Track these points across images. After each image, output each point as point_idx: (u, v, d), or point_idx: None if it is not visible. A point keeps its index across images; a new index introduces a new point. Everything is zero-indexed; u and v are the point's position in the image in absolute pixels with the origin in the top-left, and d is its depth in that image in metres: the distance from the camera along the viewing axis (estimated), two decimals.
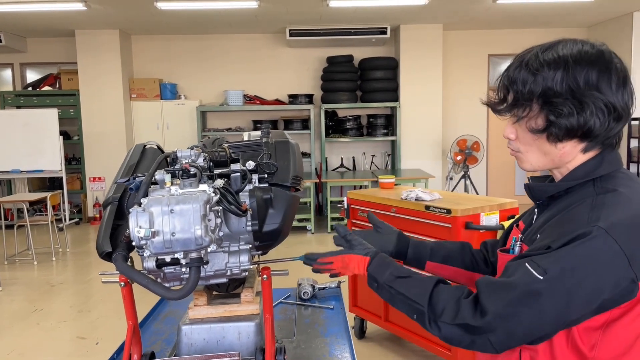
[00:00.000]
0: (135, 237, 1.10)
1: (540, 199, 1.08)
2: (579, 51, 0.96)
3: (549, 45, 1.00)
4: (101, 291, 4.80)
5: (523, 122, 1.00)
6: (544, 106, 0.96)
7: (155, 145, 1.62)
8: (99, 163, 7.89)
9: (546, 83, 0.95)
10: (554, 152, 1.00)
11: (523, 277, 0.92)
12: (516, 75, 0.99)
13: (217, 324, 1.50)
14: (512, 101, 1.01)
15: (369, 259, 1.18)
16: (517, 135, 1.04)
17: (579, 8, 6.94)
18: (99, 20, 7.18)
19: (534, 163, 1.05)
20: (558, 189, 1.03)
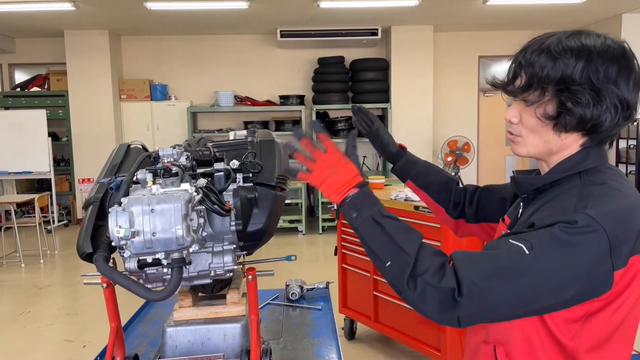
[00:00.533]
0: (114, 237, 1.08)
1: (526, 192, 1.06)
2: (603, 44, 0.94)
3: (571, 33, 0.98)
4: (89, 294, 4.75)
5: (532, 107, 0.97)
6: (561, 93, 0.93)
7: (139, 145, 1.60)
8: (88, 164, 7.82)
9: (566, 70, 0.93)
10: (554, 141, 0.99)
11: (507, 250, 0.89)
12: (534, 59, 0.96)
13: (203, 325, 1.49)
14: (525, 83, 0.97)
15: (361, 181, 1.04)
16: (520, 119, 1.01)
17: (569, 10, 6.99)
18: (88, 21, 7.13)
19: (530, 149, 1.02)
20: (544, 181, 1.02)
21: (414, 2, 6.37)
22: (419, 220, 2.87)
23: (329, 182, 1.05)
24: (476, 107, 8.61)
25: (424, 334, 2.96)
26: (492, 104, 8.68)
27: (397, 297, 3.07)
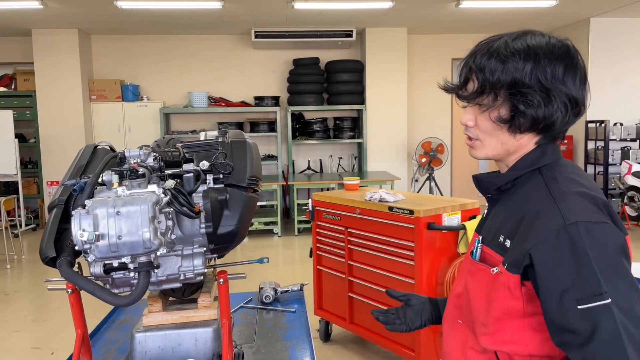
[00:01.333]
0: (78, 241, 1.05)
1: (488, 191, 1.08)
2: (547, 44, 0.96)
3: (517, 35, 0.99)
4: (57, 299, 4.62)
5: (487, 112, 0.99)
6: (512, 96, 0.95)
7: (107, 146, 1.56)
8: (57, 167, 7.62)
9: (516, 73, 0.94)
10: (511, 142, 1.01)
11: (601, 319, 0.84)
12: (484, 63, 0.97)
13: (173, 330, 1.46)
14: (477, 89, 0.99)
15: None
16: (475, 123, 1.03)
17: (539, 13, 7.14)
18: (57, 20, 6.95)
19: (489, 152, 1.04)
20: (506, 179, 1.04)
21: (388, 5, 6.41)
22: (393, 221, 2.88)
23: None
24: (449, 109, 8.72)
25: (398, 335, 2.97)
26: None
27: (372, 298, 3.08)
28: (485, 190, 1.09)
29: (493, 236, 1.03)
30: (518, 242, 0.94)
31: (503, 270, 0.96)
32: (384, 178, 7.08)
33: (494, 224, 1.05)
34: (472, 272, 1.06)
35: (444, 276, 2.82)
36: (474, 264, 1.06)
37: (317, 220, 3.47)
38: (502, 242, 0.99)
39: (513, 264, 0.93)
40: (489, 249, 1.03)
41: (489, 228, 1.07)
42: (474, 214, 2.95)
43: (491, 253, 1.02)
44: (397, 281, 2.91)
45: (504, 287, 0.96)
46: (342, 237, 3.25)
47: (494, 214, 1.07)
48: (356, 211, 3.13)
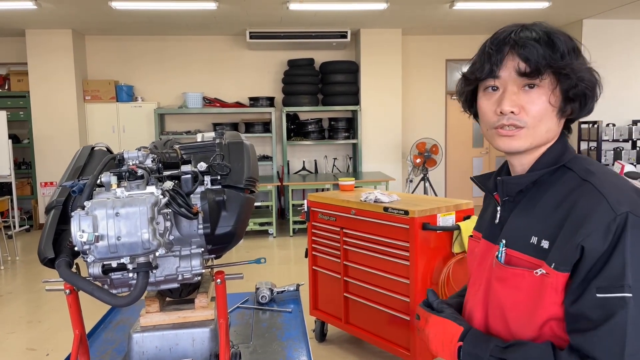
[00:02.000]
0: (77, 242, 1.06)
1: (511, 194, 1.02)
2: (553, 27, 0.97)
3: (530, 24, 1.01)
4: (52, 300, 4.61)
5: (541, 93, 0.94)
6: (566, 76, 0.92)
7: (104, 147, 1.57)
8: (51, 167, 7.60)
9: (561, 47, 0.93)
10: (554, 129, 0.97)
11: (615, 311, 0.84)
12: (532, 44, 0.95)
13: (170, 330, 1.46)
14: (533, 70, 0.93)
15: (463, 330, 1.03)
16: (520, 109, 0.95)
17: (532, 15, 7.19)
18: (51, 20, 6.93)
19: (534, 141, 0.97)
20: (533, 177, 0.98)
21: (383, 6, 6.43)
22: (388, 222, 2.90)
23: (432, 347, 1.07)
24: (444, 109, 8.76)
25: (394, 335, 2.99)
26: (459, 106, 8.79)
27: (368, 299, 3.10)
28: (509, 192, 1.02)
29: (521, 239, 0.97)
30: (564, 240, 0.89)
31: (550, 270, 0.90)
32: (378, 179, 7.10)
33: (518, 226, 0.99)
34: (503, 278, 0.99)
35: (438, 276, 2.84)
36: (504, 269, 0.98)
37: (312, 221, 3.48)
38: (537, 244, 0.93)
39: (561, 262, 0.88)
40: (518, 252, 0.97)
41: (512, 231, 1.00)
42: (468, 214, 2.97)
43: (521, 256, 0.96)
44: (392, 281, 2.93)
45: (551, 289, 0.90)
46: (338, 238, 3.27)
47: (516, 216, 1.00)
48: (351, 212, 3.14)
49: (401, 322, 2.91)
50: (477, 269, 1.09)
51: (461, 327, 1.03)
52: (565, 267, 0.88)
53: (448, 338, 1.03)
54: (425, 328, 1.09)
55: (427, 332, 1.09)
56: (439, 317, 1.07)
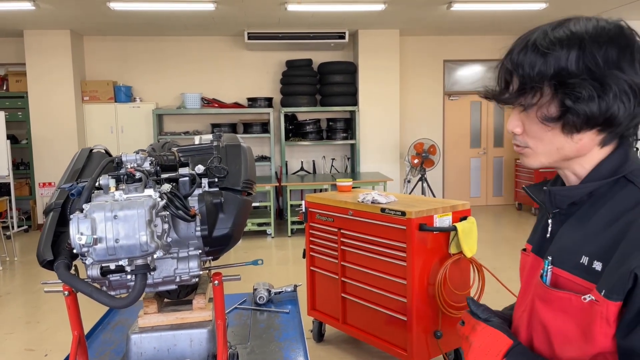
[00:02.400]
0: (76, 245, 1.07)
1: (561, 206, 0.92)
2: (595, 27, 0.83)
3: (558, 23, 0.87)
4: (50, 301, 4.62)
5: (532, 112, 0.86)
6: (558, 89, 0.81)
7: (102, 149, 1.58)
8: (49, 168, 7.60)
9: (559, 63, 0.81)
10: (569, 145, 0.86)
11: None
12: (522, 58, 0.85)
13: (168, 331, 1.47)
14: (518, 87, 0.86)
15: (512, 344, 0.93)
16: (523, 129, 0.89)
17: (529, 16, 7.21)
18: (49, 20, 6.93)
19: (543, 160, 0.90)
20: (585, 190, 0.88)
21: (381, 7, 6.45)
22: (385, 222, 2.91)
23: (471, 357, 0.98)
24: (441, 110, 8.78)
25: (391, 335, 3.00)
26: (457, 107, 8.87)
27: (365, 299, 3.11)
28: (559, 204, 0.92)
29: (570, 257, 0.87)
30: (617, 263, 0.78)
31: (599, 297, 0.79)
32: (376, 179, 7.12)
33: (567, 242, 0.89)
34: (549, 301, 0.89)
35: (435, 277, 2.86)
36: (549, 292, 0.89)
37: (310, 222, 3.49)
38: (588, 265, 0.83)
39: (613, 289, 0.77)
40: (566, 272, 0.87)
41: (561, 247, 0.90)
42: (465, 215, 2.99)
43: (569, 277, 0.86)
44: (389, 282, 2.94)
45: (601, 319, 0.79)
46: (335, 238, 3.28)
47: (566, 231, 0.90)
48: (349, 212, 3.16)
49: (398, 322, 2.93)
50: (524, 285, 1.01)
51: (511, 341, 0.94)
52: (618, 296, 0.77)
53: (494, 350, 0.94)
54: (470, 336, 1.00)
55: (471, 340, 0.99)
56: (489, 327, 0.98)
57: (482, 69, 8.79)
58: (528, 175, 8.21)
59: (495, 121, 9.00)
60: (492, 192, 9.16)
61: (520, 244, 4.30)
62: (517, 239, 6.60)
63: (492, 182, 9.14)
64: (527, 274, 1.00)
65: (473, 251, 2.92)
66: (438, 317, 2.91)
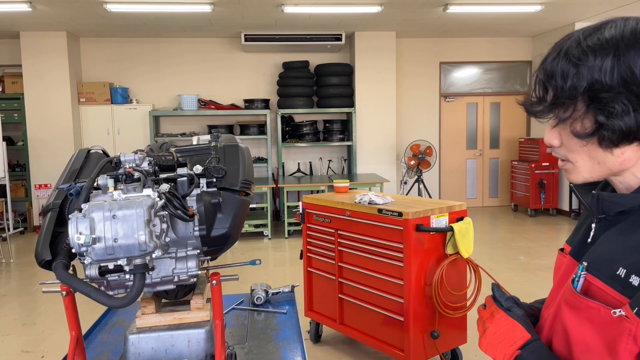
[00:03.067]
0: (75, 244, 1.07)
1: (609, 212, 0.87)
2: (633, 31, 0.76)
3: (594, 28, 0.80)
4: (47, 302, 4.60)
5: (566, 125, 0.82)
6: (591, 104, 0.77)
7: (100, 150, 1.58)
8: (45, 170, 7.58)
9: (592, 75, 0.76)
10: (610, 160, 0.81)
11: None
12: (554, 68, 0.80)
13: (166, 332, 1.48)
14: (551, 100, 0.82)
15: (530, 338, 0.91)
16: (561, 141, 0.85)
17: (524, 18, 7.25)
18: (45, 22, 6.92)
19: (586, 175, 0.85)
20: (638, 201, 0.83)
21: (377, 9, 6.47)
22: (382, 223, 2.92)
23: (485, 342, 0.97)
24: (438, 111, 8.81)
25: (388, 335, 3.01)
26: (453, 108, 8.89)
27: (362, 299, 3.12)
28: (606, 211, 0.87)
29: (607, 266, 0.82)
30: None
31: (631, 314, 0.74)
32: (373, 180, 7.13)
33: (607, 250, 0.85)
34: (577, 308, 0.86)
35: (432, 277, 2.87)
36: (578, 299, 0.85)
37: (307, 223, 3.50)
38: (624, 277, 0.78)
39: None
40: (600, 281, 0.82)
41: (599, 255, 0.86)
42: (461, 215, 3.00)
43: (602, 287, 0.82)
44: (386, 282, 2.95)
45: (628, 336, 0.75)
46: (332, 239, 3.29)
47: (608, 239, 0.86)
48: (346, 213, 3.17)
49: (395, 322, 2.93)
50: (556, 287, 0.98)
51: (529, 335, 0.92)
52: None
53: (509, 340, 0.93)
54: (487, 321, 0.99)
55: (487, 325, 0.98)
56: (508, 317, 0.96)
57: (478, 70, 8.83)
58: (524, 177, 8.24)
59: (491, 123, 9.04)
60: (488, 194, 9.19)
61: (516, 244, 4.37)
62: (513, 240, 6.62)
63: (488, 183, 9.17)
64: (561, 275, 0.97)
65: (469, 252, 2.93)
66: (435, 317, 2.92)
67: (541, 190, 8.01)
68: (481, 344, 0.99)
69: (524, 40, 8.72)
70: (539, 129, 8.68)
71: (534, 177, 8.04)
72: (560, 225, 7.47)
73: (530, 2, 6.48)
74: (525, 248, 6.18)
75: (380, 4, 6.32)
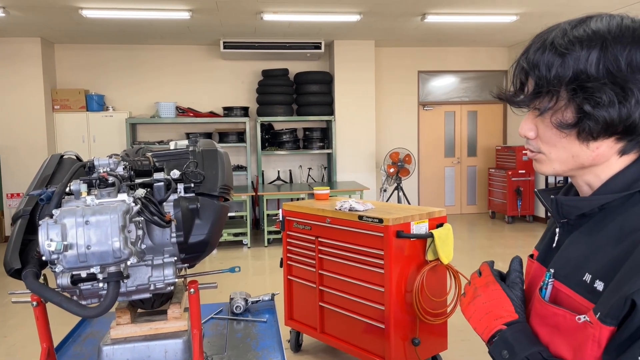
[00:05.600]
0: (45, 252, 1.03)
1: (569, 216, 0.87)
2: (619, 25, 0.77)
3: (579, 20, 0.81)
4: (19, 314, 4.46)
5: (547, 116, 0.81)
6: (576, 94, 0.76)
7: (73, 155, 1.53)
8: (18, 178, 7.39)
9: (578, 65, 0.75)
10: (584, 154, 0.81)
11: None
12: (538, 58, 0.79)
13: (142, 342, 1.43)
14: (533, 89, 0.81)
15: (517, 318, 0.89)
16: (537, 133, 0.85)
17: (500, 28, 7.38)
18: (19, 28, 6.78)
19: (557, 167, 0.85)
20: (596, 203, 0.83)
21: (356, 18, 6.51)
22: (363, 230, 2.91)
23: (471, 309, 0.94)
24: (416, 120, 8.89)
25: (369, 343, 2.99)
26: (432, 117, 8.99)
27: (343, 307, 3.10)
28: (566, 215, 0.87)
29: (572, 272, 0.82)
30: (616, 286, 0.73)
31: (594, 320, 0.74)
32: (353, 188, 7.14)
33: (572, 256, 0.84)
34: (543, 316, 0.86)
35: (412, 284, 2.86)
36: (545, 307, 0.85)
37: (287, 230, 3.47)
38: (590, 283, 0.78)
39: (608, 313, 0.72)
40: (567, 287, 0.82)
41: (564, 260, 0.86)
42: (441, 222, 3.01)
43: (569, 293, 0.82)
44: (367, 289, 2.94)
45: (593, 341, 0.75)
46: (313, 247, 3.26)
47: (572, 243, 0.86)
48: (326, 220, 3.15)
49: (376, 330, 2.91)
50: (527, 293, 0.96)
51: (516, 315, 0.89)
52: (612, 321, 0.72)
53: (495, 313, 0.89)
54: (480, 289, 0.94)
55: (478, 293, 0.94)
56: (503, 291, 0.92)
57: (456, 79, 8.94)
58: (501, 184, 8.35)
59: (468, 131, 9.16)
60: (467, 201, 9.28)
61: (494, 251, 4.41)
62: (491, 246, 6.68)
63: (466, 190, 9.26)
64: (530, 281, 0.96)
65: (449, 258, 2.94)
66: (416, 324, 2.91)
67: (518, 198, 8.13)
68: (467, 310, 0.96)
69: (500, 50, 8.88)
70: (516, 137, 8.83)
71: (511, 184, 8.15)
72: (537, 231, 7.58)
73: (506, 13, 6.60)
74: (503, 254, 6.25)
75: (359, 12, 6.36)
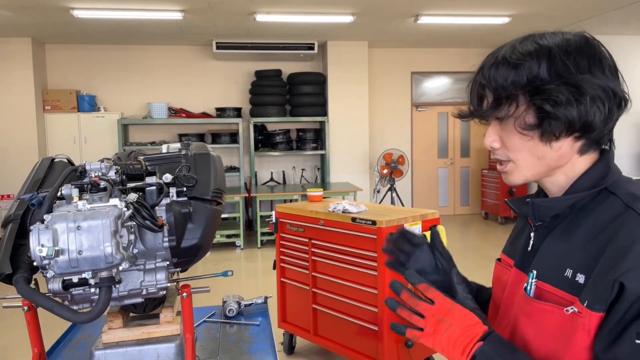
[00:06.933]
0: (36, 257, 1.02)
1: (545, 218, 0.90)
2: (561, 40, 0.85)
3: (524, 38, 0.88)
4: (9, 318, 4.42)
5: (509, 123, 0.85)
6: (534, 97, 0.81)
7: (64, 159, 1.52)
8: (8, 180, 7.32)
9: (531, 72, 0.81)
10: (549, 154, 0.85)
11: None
12: (494, 72, 0.85)
13: (134, 347, 1.42)
14: (493, 100, 0.85)
15: (487, 330, 0.86)
16: (502, 143, 0.89)
17: (493, 30, 7.42)
18: (9, 28, 6.72)
19: (527, 173, 0.88)
20: (568, 202, 0.87)
21: (349, 19, 6.52)
22: (356, 232, 2.91)
23: (444, 339, 0.88)
24: (410, 121, 8.91)
25: (362, 345, 2.99)
26: (425, 118, 9.01)
27: (336, 310, 3.10)
28: (542, 216, 0.91)
29: (554, 270, 0.86)
30: (600, 274, 0.77)
31: (582, 309, 0.78)
32: (346, 189, 7.14)
33: (551, 255, 0.88)
34: (530, 314, 0.88)
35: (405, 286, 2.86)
36: (531, 304, 0.88)
37: (280, 232, 3.46)
38: (571, 277, 0.82)
39: (596, 300, 0.76)
40: (549, 285, 0.86)
41: (545, 261, 0.89)
42: (434, 223, 3.02)
43: (553, 290, 0.85)
44: (360, 292, 2.94)
45: (582, 330, 0.78)
46: (306, 249, 3.26)
47: (550, 244, 0.89)
48: (320, 222, 3.15)
49: (369, 332, 2.92)
50: (506, 301, 0.98)
51: (485, 327, 0.87)
52: (600, 307, 0.76)
53: (467, 334, 0.86)
54: (447, 317, 0.89)
55: (449, 322, 0.88)
56: (466, 310, 0.89)
57: (449, 80, 8.98)
58: (494, 185, 8.39)
59: (461, 132, 9.19)
60: (460, 202, 9.32)
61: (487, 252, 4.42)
62: (484, 247, 6.71)
63: (460, 191, 9.30)
64: (509, 289, 0.97)
65: None
66: None
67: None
68: (437, 342, 0.89)
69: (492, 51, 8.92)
70: None
71: (504, 185, 8.19)
72: None
73: (498, 14, 6.63)
74: (496, 255, 6.23)
75: (352, 13, 6.37)
